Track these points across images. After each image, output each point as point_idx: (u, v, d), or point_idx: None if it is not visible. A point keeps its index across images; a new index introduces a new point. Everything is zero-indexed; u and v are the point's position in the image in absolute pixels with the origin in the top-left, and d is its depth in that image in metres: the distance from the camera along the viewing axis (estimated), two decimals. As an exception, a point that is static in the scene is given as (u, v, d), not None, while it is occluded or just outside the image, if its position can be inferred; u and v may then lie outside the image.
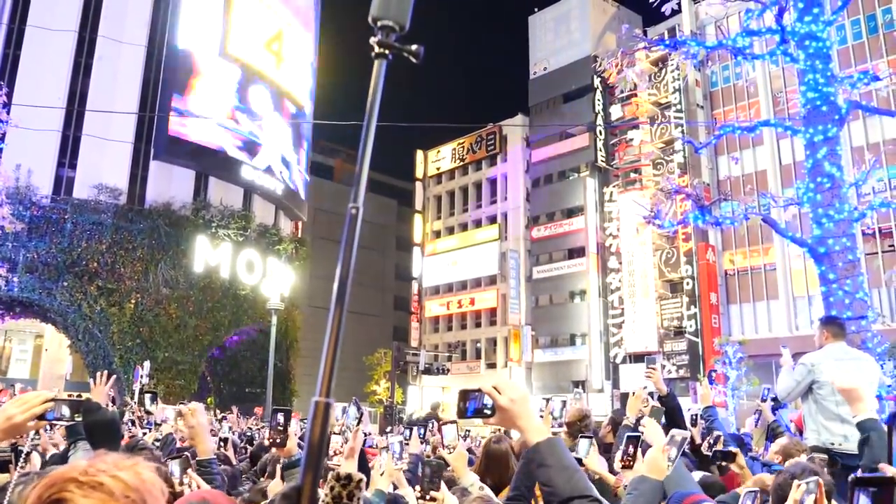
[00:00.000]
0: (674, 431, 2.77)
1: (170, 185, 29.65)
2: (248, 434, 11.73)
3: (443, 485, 3.12)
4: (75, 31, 29.23)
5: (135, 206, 28.73)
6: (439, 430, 4.60)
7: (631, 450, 3.00)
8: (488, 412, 1.84)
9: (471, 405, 1.87)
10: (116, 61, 29.45)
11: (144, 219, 28.18)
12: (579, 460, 3.38)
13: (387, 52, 1.08)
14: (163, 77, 29.88)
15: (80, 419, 2.20)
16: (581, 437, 3.82)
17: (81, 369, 28.53)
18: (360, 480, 1.69)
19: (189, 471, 3.12)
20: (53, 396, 2.06)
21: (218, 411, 18.43)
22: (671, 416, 5.53)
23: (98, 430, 2.36)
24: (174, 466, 3.25)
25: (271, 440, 3.70)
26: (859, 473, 1.62)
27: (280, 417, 3.78)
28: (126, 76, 29.55)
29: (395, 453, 3.63)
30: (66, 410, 2.11)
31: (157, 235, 28.07)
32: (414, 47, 1.12)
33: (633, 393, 4.79)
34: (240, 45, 32.05)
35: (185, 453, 3.91)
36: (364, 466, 4.87)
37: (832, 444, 4.85)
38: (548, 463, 1.77)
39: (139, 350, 26.38)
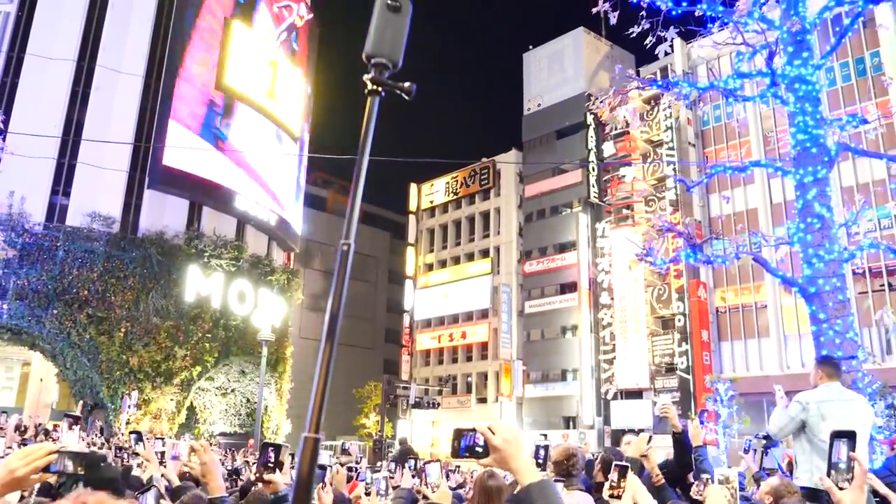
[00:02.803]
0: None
1: (163, 214, 29.65)
2: (235, 467, 11.58)
3: None
4: (74, 60, 29.46)
5: (128, 234, 28.67)
6: (423, 468, 4.60)
7: (617, 479, 3.05)
8: (481, 451, 1.86)
9: (464, 444, 1.90)
10: (113, 91, 29.64)
11: (137, 247, 28.10)
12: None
13: (379, 88, 1.10)
14: (159, 107, 30.05)
15: (83, 473, 2.17)
16: (555, 480, 3.79)
17: (68, 398, 28.20)
18: None
19: None
20: (57, 449, 2.02)
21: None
22: (681, 453, 5.53)
23: (102, 484, 2.32)
24: (149, 499, 3.21)
25: (258, 475, 3.67)
26: (835, 430, 1.75)
27: (271, 453, 3.76)
28: (123, 105, 29.73)
29: (379, 490, 3.61)
30: (69, 463, 2.08)
31: (150, 264, 27.97)
32: (406, 85, 1.14)
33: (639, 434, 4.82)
34: (235, 76, 32.33)
35: (154, 485, 3.88)
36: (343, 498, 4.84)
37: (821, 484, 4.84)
38: None
39: (127, 380, 26.14)
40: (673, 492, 5.43)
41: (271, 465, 3.61)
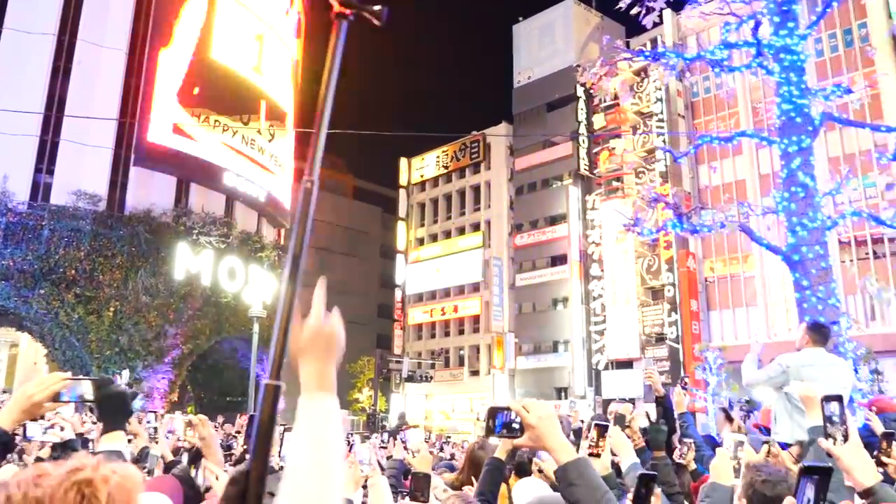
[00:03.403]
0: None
1: (150, 191, 29.42)
2: (227, 443, 11.64)
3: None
4: (54, 34, 28.95)
5: (114, 212, 28.43)
6: (403, 434, 4.65)
7: (596, 437, 3.05)
8: (517, 429, 1.85)
9: (499, 423, 1.88)
10: (96, 66, 29.22)
11: (124, 225, 27.89)
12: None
13: (348, 11, 1.05)
14: (143, 83, 29.69)
15: (97, 397, 2.26)
16: None
17: (59, 378, 28.14)
18: None
19: None
20: (70, 377, 2.12)
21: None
22: (665, 416, 5.62)
23: (108, 403, 2.38)
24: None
25: (245, 447, 3.71)
26: (806, 464, 1.77)
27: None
28: (106, 81, 29.31)
29: (361, 460, 3.64)
30: (87, 388, 2.17)
31: (137, 242, 27.78)
32: (377, 8, 1.08)
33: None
34: (222, 50, 31.95)
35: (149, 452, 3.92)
36: None
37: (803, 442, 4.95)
38: (576, 483, 1.78)
39: (118, 359, 26.09)
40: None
41: None
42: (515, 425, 1.86)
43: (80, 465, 1.06)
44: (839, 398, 2.17)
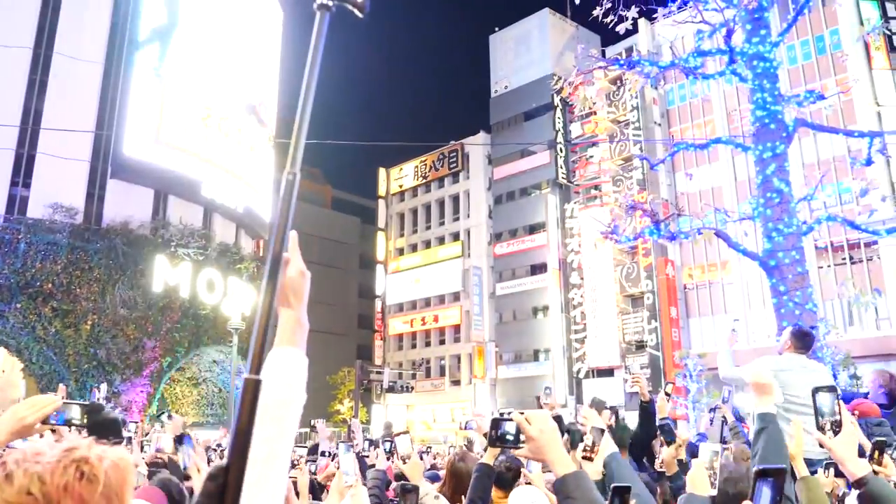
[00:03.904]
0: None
1: (128, 203, 29.17)
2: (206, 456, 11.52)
3: None
4: (30, 47, 28.71)
5: (91, 225, 28.17)
6: (392, 441, 4.64)
7: (592, 443, 2.99)
8: (518, 440, 1.87)
9: (500, 433, 1.91)
10: (73, 79, 28.98)
11: (101, 238, 27.64)
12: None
13: (330, 3, 1.04)
14: (119, 96, 29.48)
15: (87, 421, 2.25)
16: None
17: (35, 392, 27.74)
18: None
19: None
20: (62, 400, 2.11)
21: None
22: (647, 421, 5.67)
23: (100, 429, 2.38)
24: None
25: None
26: (760, 467, 1.80)
27: None
28: (82, 94, 29.07)
29: (345, 472, 3.63)
30: (76, 412, 2.17)
31: (115, 255, 27.53)
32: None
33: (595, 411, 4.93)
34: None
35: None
36: None
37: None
38: (574, 496, 1.79)
39: (95, 373, 25.79)
40: (636, 463, 5.55)
41: None
42: (513, 436, 1.88)
43: (75, 445, 1.08)
44: (832, 389, 2.19)
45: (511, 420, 1.89)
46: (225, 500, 0.86)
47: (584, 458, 3.03)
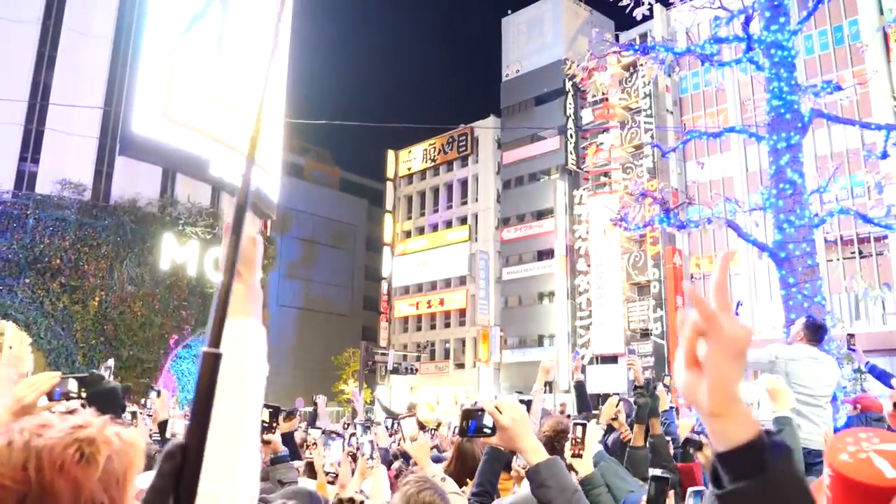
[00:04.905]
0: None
1: (136, 181, 29.19)
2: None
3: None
4: (39, 21, 28.64)
5: (99, 202, 28.22)
6: (398, 424, 4.63)
7: (581, 436, 2.96)
8: (489, 431, 1.89)
9: (473, 424, 1.92)
10: (82, 54, 28.92)
11: (109, 215, 27.71)
12: None
13: None
14: (129, 71, 29.39)
15: (86, 394, 2.25)
16: None
17: (43, 367, 27.96)
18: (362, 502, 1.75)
19: None
20: (59, 375, 2.15)
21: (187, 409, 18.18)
22: (641, 409, 5.63)
23: (99, 399, 2.36)
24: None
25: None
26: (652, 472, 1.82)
27: (265, 414, 3.78)
28: (91, 70, 29.01)
29: (365, 454, 3.63)
30: (72, 386, 2.17)
31: (123, 232, 27.62)
32: None
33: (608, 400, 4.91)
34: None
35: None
36: (294, 450, 4.87)
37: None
38: (548, 484, 1.81)
39: (103, 348, 25.96)
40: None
41: (266, 425, 3.65)
42: (488, 427, 1.88)
43: (84, 423, 1.04)
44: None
45: (483, 411, 1.89)
46: (181, 481, 0.80)
47: (573, 454, 2.97)
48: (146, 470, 1.11)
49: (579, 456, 2.95)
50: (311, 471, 4.51)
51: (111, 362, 6.25)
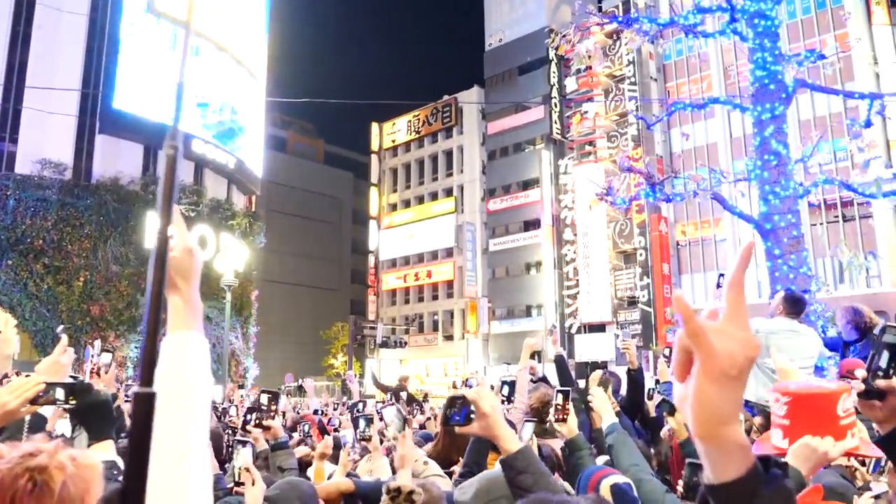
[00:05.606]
0: None
1: (117, 159, 28.84)
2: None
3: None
4: (12, -1, 28.02)
5: (81, 181, 27.89)
6: (379, 413, 4.66)
7: (562, 402, 3.17)
8: (470, 419, 1.97)
9: (454, 412, 1.99)
10: (57, 31, 28.35)
11: (91, 194, 27.41)
12: None
13: None
14: (107, 47, 28.87)
15: (73, 403, 2.15)
16: (526, 420, 3.85)
17: (29, 349, 27.82)
18: (411, 492, 1.84)
19: None
20: (45, 380, 2.05)
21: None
22: (633, 391, 5.72)
23: (89, 412, 2.27)
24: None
25: (257, 422, 3.69)
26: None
27: (265, 399, 3.77)
28: (67, 46, 28.48)
29: (347, 444, 3.63)
30: (59, 393, 2.08)
31: (106, 211, 27.35)
32: None
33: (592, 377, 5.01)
34: (184, 6, 31.05)
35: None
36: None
37: (767, 401, 5.05)
38: (528, 470, 1.91)
39: (89, 329, 25.85)
40: (632, 424, 5.59)
41: (265, 408, 3.66)
42: (469, 416, 1.95)
43: (34, 450, 1.01)
44: None
45: (464, 398, 1.96)
46: None
47: (557, 419, 3.18)
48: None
49: (563, 420, 3.16)
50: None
51: (98, 344, 6.19)
